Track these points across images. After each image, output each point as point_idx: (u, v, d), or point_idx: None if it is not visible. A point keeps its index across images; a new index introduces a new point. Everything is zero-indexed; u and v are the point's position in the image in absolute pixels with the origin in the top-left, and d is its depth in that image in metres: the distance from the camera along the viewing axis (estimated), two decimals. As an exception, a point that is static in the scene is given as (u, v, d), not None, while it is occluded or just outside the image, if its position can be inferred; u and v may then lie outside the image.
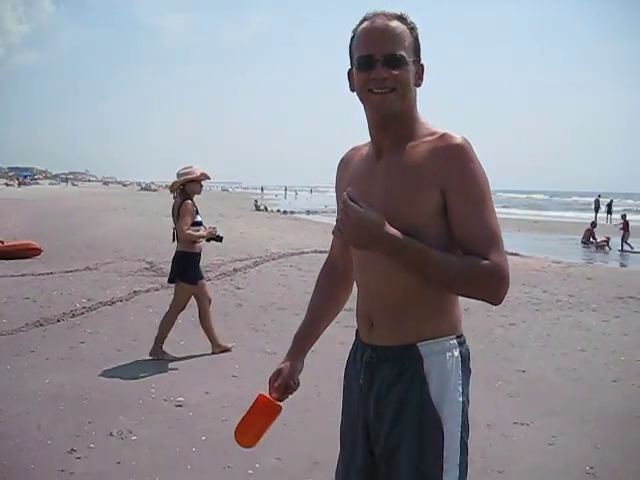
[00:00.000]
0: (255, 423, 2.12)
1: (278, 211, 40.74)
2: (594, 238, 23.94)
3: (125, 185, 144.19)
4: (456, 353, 1.92)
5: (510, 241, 20.32)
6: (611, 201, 32.30)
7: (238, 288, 10.45)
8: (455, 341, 1.94)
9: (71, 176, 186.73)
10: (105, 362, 6.11)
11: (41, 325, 7.53)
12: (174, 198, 6.81)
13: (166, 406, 4.99)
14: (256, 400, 2.14)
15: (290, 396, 2.17)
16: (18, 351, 6.41)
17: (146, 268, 12.28)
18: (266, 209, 40.72)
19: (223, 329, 7.58)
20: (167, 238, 16.21)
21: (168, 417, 4.77)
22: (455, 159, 1.82)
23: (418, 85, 1.95)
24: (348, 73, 1.99)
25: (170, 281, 6.85)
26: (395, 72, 1.85)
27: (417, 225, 1.83)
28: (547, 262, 15.91)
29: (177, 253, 6.74)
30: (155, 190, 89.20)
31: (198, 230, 6.67)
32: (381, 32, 1.88)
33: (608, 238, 23.44)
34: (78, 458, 4.03)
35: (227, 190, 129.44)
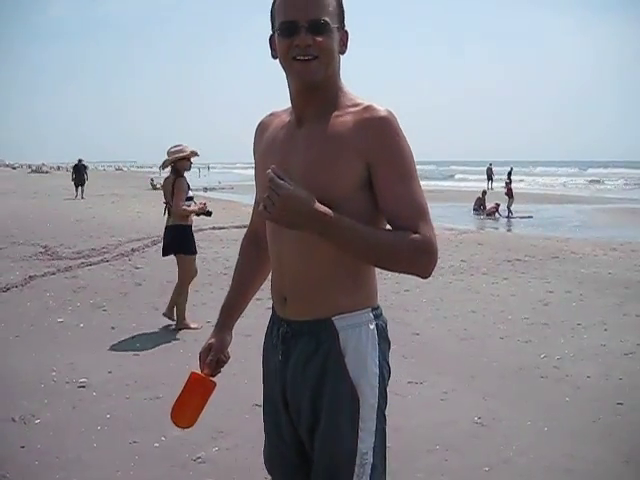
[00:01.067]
0: (191, 402, 2.10)
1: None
2: (484, 206, 24.92)
3: (14, 168, 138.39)
4: (372, 326, 1.90)
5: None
6: (511, 169, 33.54)
7: (137, 268, 10.38)
8: (371, 314, 1.92)
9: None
10: (3, 349, 6.02)
11: None
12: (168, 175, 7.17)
13: (68, 388, 4.99)
14: (189, 378, 2.09)
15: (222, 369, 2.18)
16: None
17: (41, 252, 11.97)
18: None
19: (123, 308, 7.59)
20: (61, 221, 15.89)
21: (71, 398, 4.77)
22: (381, 132, 1.79)
23: (342, 52, 1.90)
24: (270, 39, 1.93)
25: (165, 254, 7.04)
26: (319, 39, 1.80)
27: (338, 197, 1.79)
28: (440, 230, 16.46)
29: (172, 227, 6.92)
30: (47, 172, 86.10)
31: (189, 205, 6.93)
32: None
33: (497, 204, 24.43)
34: (-19, 445, 4.01)
35: (121, 169, 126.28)
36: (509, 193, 24.80)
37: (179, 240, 6.88)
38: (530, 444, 4.05)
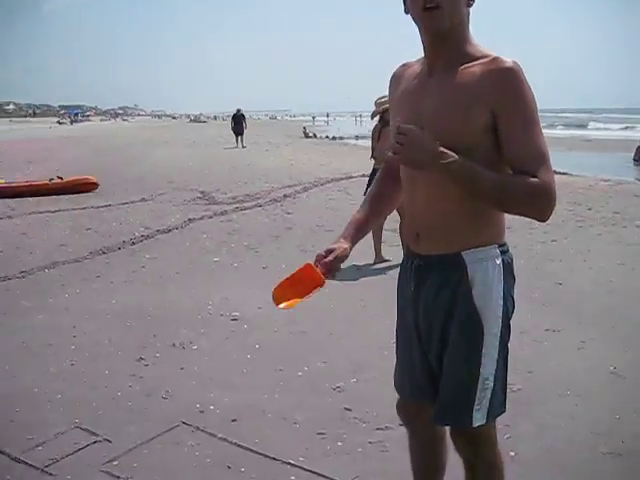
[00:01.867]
0: (296, 286, 2.15)
1: (327, 137, 40.77)
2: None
3: (174, 118, 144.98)
4: (498, 261, 2.04)
5: (560, 161, 20.16)
6: None
7: (288, 213, 10.83)
8: (497, 250, 2.06)
9: (121, 111, 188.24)
10: (165, 283, 6.60)
11: (104, 253, 8.04)
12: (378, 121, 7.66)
13: (222, 320, 5.44)
14: (303, 266, 2.15)
15: (334, 276, 2.20)
16: (85, 276, 6.93)
17: (199, 197, 12.74)
18: (315, 136, 40.79)
19: (274, 250, 8.01)
20: (217, 168, 16.71)
21: (224, 329, 5.21)
22: (508, 82, 1.90)
23: (469, 5, 1.99)
24: None
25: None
26: None
27: (465, 141, 1.93)
28: (595, 180, 15.85)
29: (376, 170, 7.30)
30: (204, 122, 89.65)
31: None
32: None
33: None
34: (146, 365, 4.50)
35: (275, 118, 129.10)
36: None
37: None
38: (666, 396, 4.02)
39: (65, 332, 5.16)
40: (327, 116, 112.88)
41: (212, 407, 3.84)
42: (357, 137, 41.43)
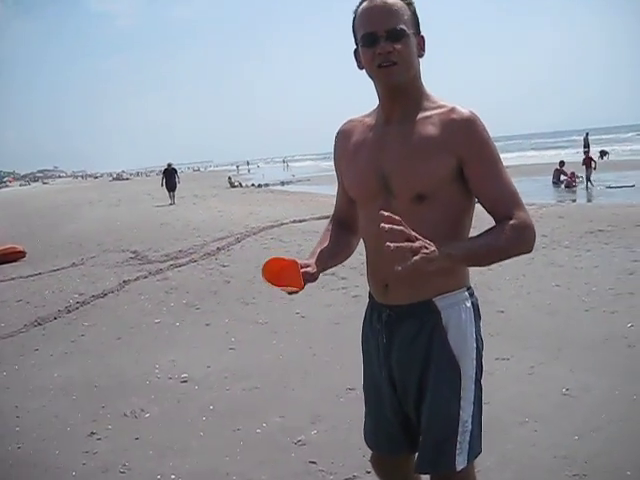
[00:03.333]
0: (280, 272, 2.09)
1: (252, 185, 40.84)
2: (565, 176, 24.40)
3: (96, 177, 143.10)
4: (468, 304, 2.11)
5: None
6: (586, 135, 32.75)
7: (224, 266, 10.74)
8: (466, 293, 2.13)
9: (40, 174, 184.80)
10: (107, 350, 6.42)
11: (39, 324, 7.77)
12: None
13: (172, 383, 5.31)
14: (292, 261, 2.10)
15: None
16: (22, 351, 6.67)
17: (131, 257, 12.49)
18: (240, 185, 40.82)
19: (215, 305, 7.92)
20: (147, 226, 16.48)
21: (175, 393, 5.09)
22: (471, 130, 1.99)
23: (421, 56, 2.08)
24: (354, 52, 2.12)
25: None
26: (398, 45, 1.98)
27: (431, 188, 2.00)
28: (519, 206, 16.28)
29: None
30: (127, 179, 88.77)
31: None
32: (381, 9, 2.00)
33: (572, 173, 23.87)
34: (99, 439, 4.34)
35: (199, 170, 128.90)
36: (587, 162, 24.13)
37: None
38: (620, 413, 4.10)
39: (7, 413, 4.95)
40: (247, 164, 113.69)
41: (173, 476, 3.73)
42: (283, 183, 41.66)
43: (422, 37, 2.09)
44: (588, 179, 23.51)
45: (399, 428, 2.21)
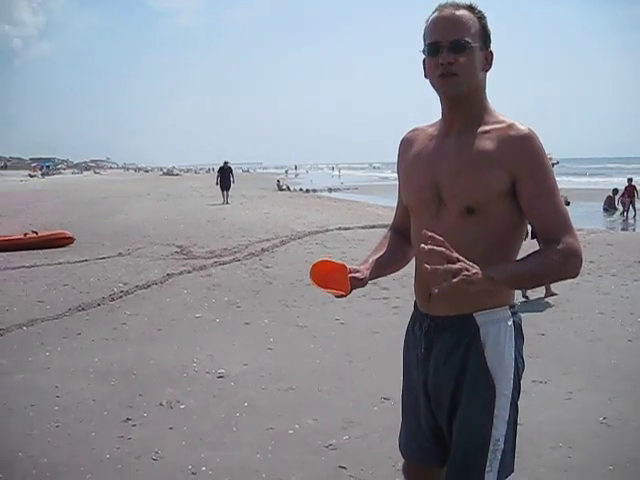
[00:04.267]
0: (328, 275, 2.12)
1: (300, 190, 41.01)
2: (614, 205, 24.04)
3: (147, 171, 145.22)
4: (510, 322, 2.08)
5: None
6: None
7: (267, 267, 10.82)
8: (509, 311, 2.10)
9: (92, 164, 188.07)
10: (148, 340, 6.53)
11: (83, 309, 7.93)
12: None
13: (209, 378, 5.38)
14: (341, 264, 2.12)
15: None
16: (65, 334, 6.82)
17: (176, 252, 12.67)
18: (288, 189, 41.01)
19: (256, 305, 7.98)
20: (193, 222, 16.69)
21: (211, 387, 5.15)
22: (527, 148, 1.98)
23: (486, 70, 2.08)
24: (423, 61, 2.12)
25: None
26: (460, 57, 1.98)
27: (481, 202, 1.99)
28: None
29: None
30: (177, 175, 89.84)
31: None
32: (447, 20, 2.02)
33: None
34: (134, 426, 4.42)
35: (248, 171, 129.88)
36: (630, 191, 23.66)
37: None
38: (657, 446, 4.04)
39: (47, 392, 5.07)
40: (295, 168, 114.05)
41: (204, 468, 3.78)
42: (330, 190, 41.73)
43: (490, 52, 2.09)
44: (633, 207, 23.08)
45: (432, 439, 2.22)
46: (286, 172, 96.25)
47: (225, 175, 28.11)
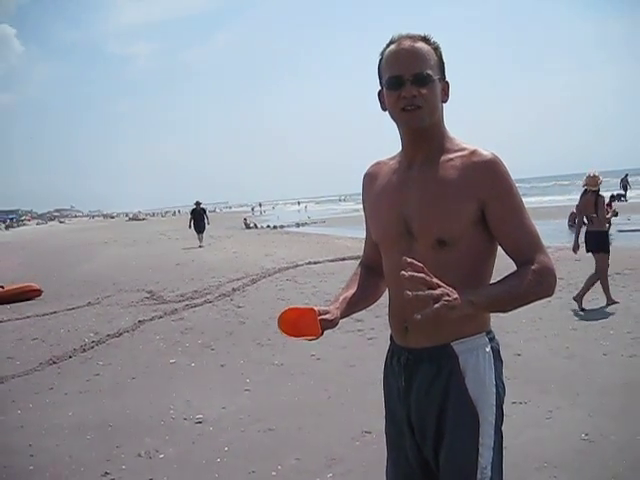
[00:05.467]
0: (298, 321, 2.07)
1: (268, 227, 40.97)
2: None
3: (112, 217, 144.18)
4: (487, 349, 2.07)
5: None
6: (625, 176, 33.01)
7: (239, 307, 10.74)
8: (486, 338, 2.08)
9: (57, 214, 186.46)
10: (122, 390, 6.41)
11: (54, 363, 7.78)
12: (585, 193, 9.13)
13: (187, 424, 5.29)
14: (309, 309, 2.08)
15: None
16: (37, 389, 6.68)
17: (146, 297, 12.54)
18: (256, 226, 40.95)
19: (230, 346, 7.91)
20: (162, 265, 16.46)
21: (190, 434, 5.07)
22: (493, 173, 1.98)
23: (444, 101, 2.09)
24: (378, 94, 2.13)
25: (589, 251, 9.19)
26: (423, 90, 1.99)
27: (453, 234, 1.99)
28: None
29: (596, 232, 9.10)
30: (143, 219, 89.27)
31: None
32: (408, 53, 2.02)
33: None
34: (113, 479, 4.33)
35: (215, 211, 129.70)
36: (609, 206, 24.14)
37: (601, 242, 9.07)
38: (640, 459, 4.05)
39: (21, 452, 4.93)
40: (260, 206, 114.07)
41: (188, 518, 3.70)
42: (298, 224, 41.75)
43: (447, 83, 2.10)
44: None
45: (420, 472, 2.18)
46: (252, 209, 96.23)
47: (198, 217, 26.84)
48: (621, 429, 4.50)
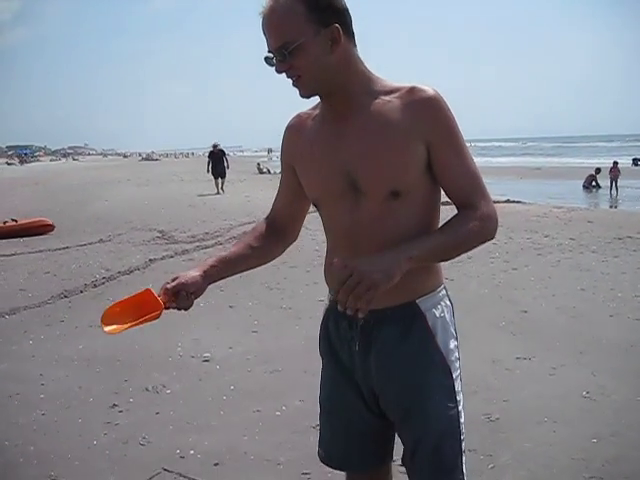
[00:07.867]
0: (130, 311, 1.92)
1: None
2: (596, 183, 24.30)
3: (126, 156, 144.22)
4: (447, 302, 1.97)
5: (512, 188, 20.69)
6: None
7: (250, 250, 10.78)
8: (444, 291, 1.98)
9: (71, 151, 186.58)
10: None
11: (66, 297, 7.89)
12: None
13: (194, 362, 5.38)
14: (143, 291, 1.94)
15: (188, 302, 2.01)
16: (48, 322, 6.79)
17: (158, 237, 12.63)
18: (269, 171, 40.85)
19: (239, 289, 7.96)
20: (175, 206, 16.53)
21: (197, 371, 5.16)
22: (435, 111, 1.79)
23: (335, 50, 1.78)
24: None
25: None
26: (292, 61, 1.76)
27: (408, 182, 1.81)
28: (549, 208, 16.21)
29: None
30: (157, 159, 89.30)
31: None
32: (267, 22, 1.76)
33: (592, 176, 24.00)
34: (120, 412, 4.42)
35: (229, 155, 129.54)
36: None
37: None
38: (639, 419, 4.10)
39: (32, 380, 5.05)
40: (270, 152, 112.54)
41: (192, 452, 3.78)
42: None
43: (335, 28, 1.76)
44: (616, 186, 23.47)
45: (376, 438, 2.07)
46: (269, 152, 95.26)
47: (217, 160, 24.72)
48: (623, 389, 4.55)
